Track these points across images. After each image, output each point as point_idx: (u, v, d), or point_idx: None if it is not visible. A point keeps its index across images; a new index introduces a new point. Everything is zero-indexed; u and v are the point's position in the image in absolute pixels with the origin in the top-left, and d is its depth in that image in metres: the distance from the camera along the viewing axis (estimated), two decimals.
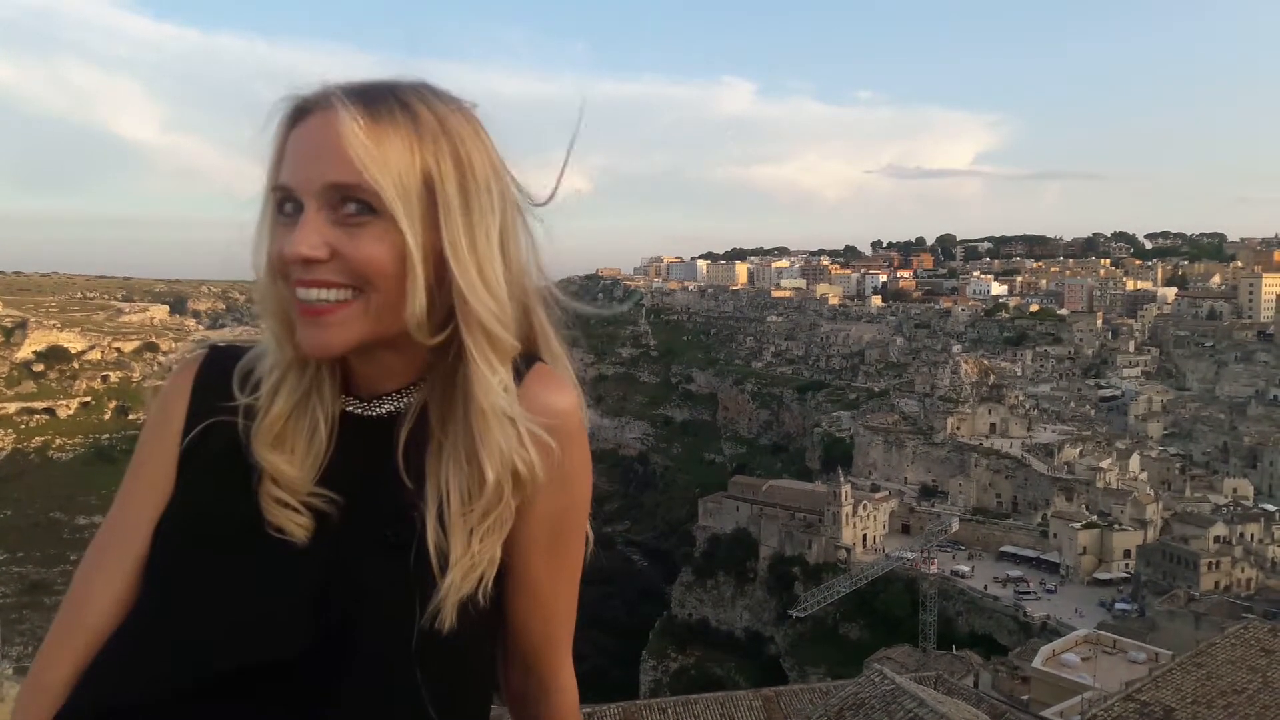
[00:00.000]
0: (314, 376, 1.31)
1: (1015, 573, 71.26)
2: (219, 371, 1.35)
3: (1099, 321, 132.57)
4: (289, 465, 1.26)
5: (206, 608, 1.22)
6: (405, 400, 1.33)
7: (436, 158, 1.24)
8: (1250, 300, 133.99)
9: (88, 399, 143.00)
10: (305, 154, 1.21)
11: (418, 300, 1.22)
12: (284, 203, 1.23)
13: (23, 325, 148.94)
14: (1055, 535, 73.56)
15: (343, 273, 1.20)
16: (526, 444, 1.28)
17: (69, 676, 1.26)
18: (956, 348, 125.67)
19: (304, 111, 1.24)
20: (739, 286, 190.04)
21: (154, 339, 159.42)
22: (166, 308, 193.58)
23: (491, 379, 1.26)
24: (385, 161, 1.20)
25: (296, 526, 1.24)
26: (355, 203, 1.20)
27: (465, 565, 1.25)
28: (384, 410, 1.33)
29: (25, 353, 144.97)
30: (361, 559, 1.25)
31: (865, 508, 78.69)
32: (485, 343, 1.27)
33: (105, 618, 1.27)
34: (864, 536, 78.17)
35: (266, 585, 1.23)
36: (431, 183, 1.23)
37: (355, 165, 1.18)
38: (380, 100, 1.23)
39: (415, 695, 1.24)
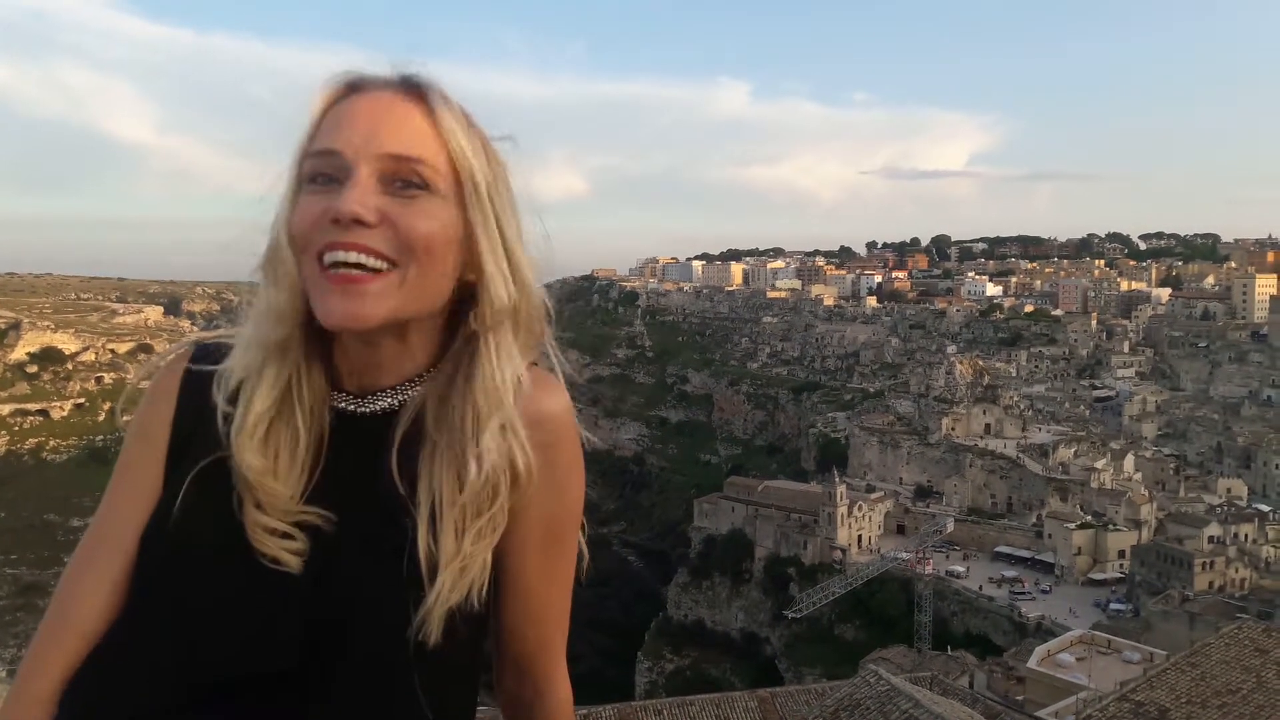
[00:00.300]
0: (298, 366, 1.27)
1: (1010, 573, 71.34)
2: (205, 370, 1.32)
3: (1093, 322, 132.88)
4: (274, 478, 1.23)
5: (196, 619, 1.21)
6: (401, 398, 1.30)
7: (485, 152, 1.27)
8: (1244, 301, 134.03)
9: (82, 400, 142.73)
10: (360, 123, 1.20)
11: (507, 287, 1.26)
12: (317, 175, 1.21)
13: (16, 326, 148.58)
14: (1050, 535, 73.63)
15: (388, 242, 1.18)
16: (524, 445, 1.28)
17: (57, 682, 1.24)
18: (951, 348, 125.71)
19: (352, 89, 1.24)
20: (734, 287, 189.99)
21: (148, 340, 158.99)
22: (161, 309, 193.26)
23: (499, 374, 1.27)
24: (474, 153, 1.24)
25: (290, 555, 1.21)
26: (404, 181, 1.20)
27: (456, 568, 1.23)
28: (378, 407, 1.30)
29: (19, 354, 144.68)
30: (354, 565, 1.23)
31: (860, 508, 78.75)
32: (511, 336, 1.29)
33: (93, 622, 1.25)
34: (859, 537, 78.23)
35: (257, 595, 1.21)
36: (480, 174, 1.26)
37: (421, 142, 1.20)
38: (435, 91, 1.25)
39: (410, 699, 1.23)
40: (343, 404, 1.30)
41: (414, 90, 1.24)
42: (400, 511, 1.24)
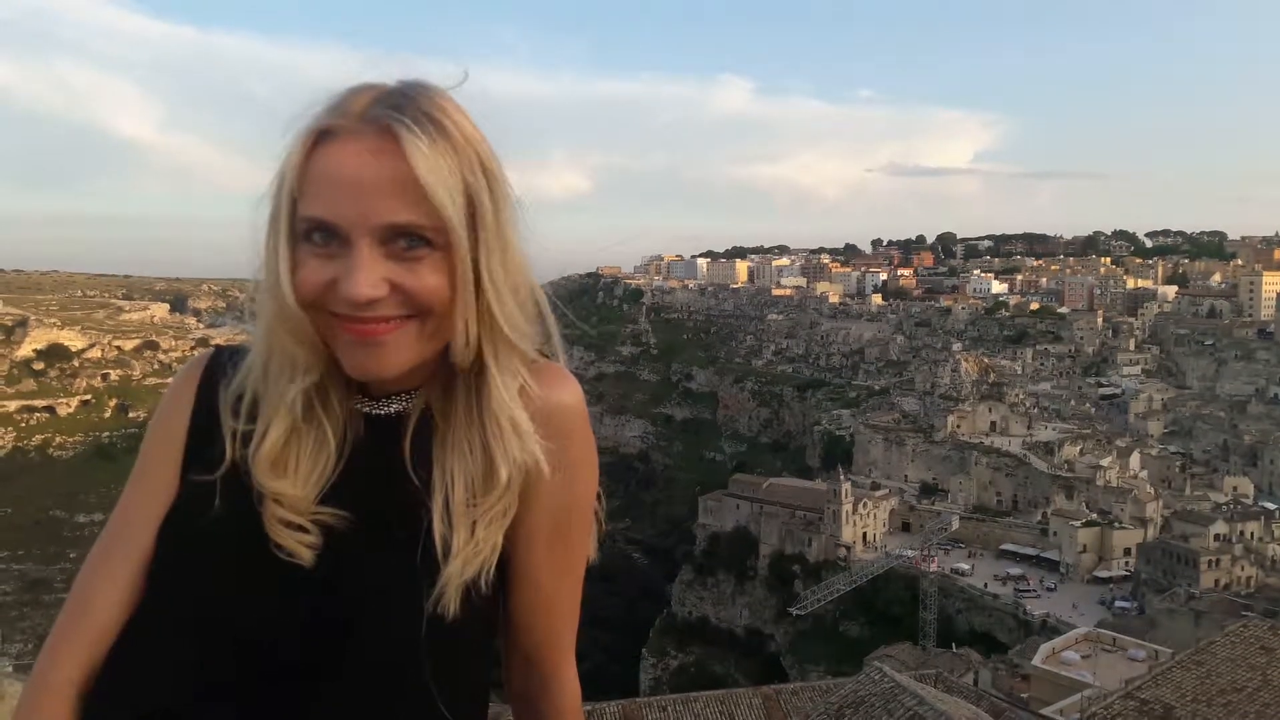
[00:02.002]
0: (315, 384, 1.28)
1: (1015, 571, 71.27)
2: (224, 374, 1.34)
3: (1099, 319, 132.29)
4: (293, 486, 1.25)
5: (211, 614, 1.23)
6: (411, 401, 1.33)
7: (472, 171, 1.21)
8: (1251, 298, 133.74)
9: (88, 397, 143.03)
10: (348, 189, 1.16)
11: (472, 329, 1.23)
12: (312, 232, 1.18)
13: (23, 323, 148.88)
14: (1055, 533, 73.55)
15: (402, 305, 1.19)
16: (533, 440, 1.29)
17: (74, 675, 1.26)
18: (957, 346, 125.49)
19: (327, 134, 1.19)
20: (739, 285, 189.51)
21: (154, 337, 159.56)
22: (167, 306, 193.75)
23: (506, 390, 1.28)
24: (450, 195, 1.17)
25: (304, 548, 1.22)
26: (406, 239, 1.17)
27: (468, 553, 1.25)
28: (392, 410, 1.32)
29: (26, 351, 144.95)
30: (367, 557, 1.25)
31: (865, 506, 78.71)
32: (507, 351, 1.28)
33: (109, 617, 1.28)
34: (864, 534, 78.21)
35: (271, 590, 1.22)
36: (471, 199, 1.21)
37: (415, 204, 1.16)
38: (416, 124, 1.18)
39: (421, 689, 1.24)
40: (363, 406, 1.32)
41: (394, 127, 1.17)
42: (414, 506, 1.26)
